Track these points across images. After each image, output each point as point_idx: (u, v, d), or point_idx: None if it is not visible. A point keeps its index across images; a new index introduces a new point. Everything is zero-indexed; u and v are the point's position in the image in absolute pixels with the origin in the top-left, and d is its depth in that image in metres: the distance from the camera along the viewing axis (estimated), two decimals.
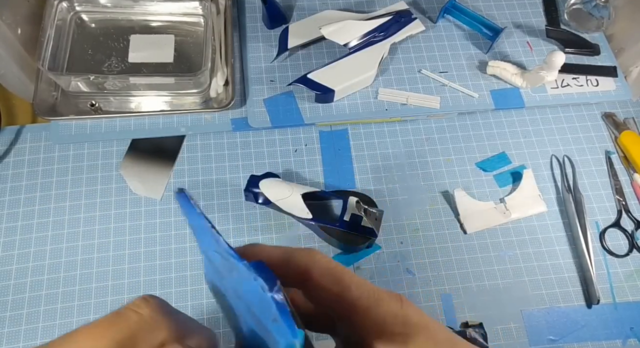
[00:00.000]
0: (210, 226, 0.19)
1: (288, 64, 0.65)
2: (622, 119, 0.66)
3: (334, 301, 0.20)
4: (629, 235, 0.59)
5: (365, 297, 0.19)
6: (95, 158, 0.60)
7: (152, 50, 0.63)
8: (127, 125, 0.61)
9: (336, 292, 0.20)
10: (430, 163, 0.62)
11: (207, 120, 0.62)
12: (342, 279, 0.20)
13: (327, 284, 0.20)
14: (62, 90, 0.61)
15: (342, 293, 0.19)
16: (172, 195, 0.58)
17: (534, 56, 0.68)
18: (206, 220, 0.19)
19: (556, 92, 0.66)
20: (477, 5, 0.71)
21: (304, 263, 0.20)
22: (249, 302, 0.18)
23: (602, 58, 0.68)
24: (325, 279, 0.20)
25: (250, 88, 0.63)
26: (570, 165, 0.62)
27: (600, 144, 0.64)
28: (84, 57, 0.62)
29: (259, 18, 0.68)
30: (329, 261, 0.21)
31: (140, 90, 0.60)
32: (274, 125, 0.61)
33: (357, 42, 0.63)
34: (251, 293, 0.18)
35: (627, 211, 0.60)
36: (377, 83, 0.64)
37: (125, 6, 0.65)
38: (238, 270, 0.18)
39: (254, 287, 0.17)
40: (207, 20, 0.64)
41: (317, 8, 0.70)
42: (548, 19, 0.71)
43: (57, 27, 0.61)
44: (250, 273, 0.17)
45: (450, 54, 0.67)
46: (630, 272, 0.57)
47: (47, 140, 0.60)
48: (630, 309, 0.55)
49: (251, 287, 0.17)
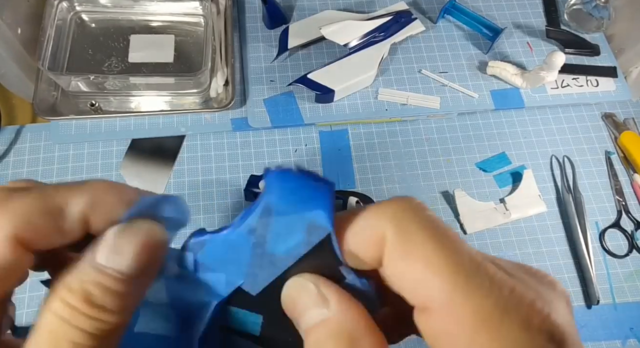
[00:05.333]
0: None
1: (288, 64, 0.65)
2: (622, 120, 0.66)
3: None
4: (629, 236, 0.59)
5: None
6: (95, 158, 0.60)
7: (152, 50, 0.63)
8: (127, 125, 0.61)
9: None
10: (430, 163, 0.62)
11: (207, 120, 0.62)
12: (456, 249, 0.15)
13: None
14: (62, 90, 0.60)
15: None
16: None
17: (534, 56, 0.68)
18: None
19: (556, 92, 0.66)
20: (477, 5, 0.71)
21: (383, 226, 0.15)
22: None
23: (602, 58, 0.68)
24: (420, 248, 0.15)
25: (250, 88, 0.63)
26: (570, 166, 0.62)
27: (600, 144, 0.64)
28: (84, 56, 0.62)
29: (259, 18, 0.68)
30: (428, 217, 0.15)
31: (140, 90, 0.60)
32: (274, 125, 0.61)
33: (357, 42, 0.63)
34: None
35: (627, 211, 0.60)
36: (377, 83, 0.64)
37: (125, 6, 0.65)
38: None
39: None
40: (207, 20, 0.64)
41: (317, 8, 0.69)
42: (548, 19, 0.71)
43: (57, 26, 0.61)
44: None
45: (450, 54, 0.67)
46: (630, 272, 0.57)
47: (47, 140, 0.60)
48: (630, 310, 0.55)
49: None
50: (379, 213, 0.16)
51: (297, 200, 0.16)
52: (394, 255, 0.15)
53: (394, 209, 0.16)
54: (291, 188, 0.17)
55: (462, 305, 0.14)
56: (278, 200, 0.17)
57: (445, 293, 0.14)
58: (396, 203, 0.16)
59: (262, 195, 0.17)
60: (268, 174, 0.17)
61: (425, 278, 0.14)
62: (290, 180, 0.17)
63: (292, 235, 0.17)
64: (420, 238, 0.15)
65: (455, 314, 0.14)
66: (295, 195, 0.16)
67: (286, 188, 0.17)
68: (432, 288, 0.14)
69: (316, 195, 0.16)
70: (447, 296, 0.14)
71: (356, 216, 0.16)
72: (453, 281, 0.14)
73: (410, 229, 0.15)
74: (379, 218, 0.16)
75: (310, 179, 0.17)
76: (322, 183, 0.16)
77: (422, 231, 0.15)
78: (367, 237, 0.16)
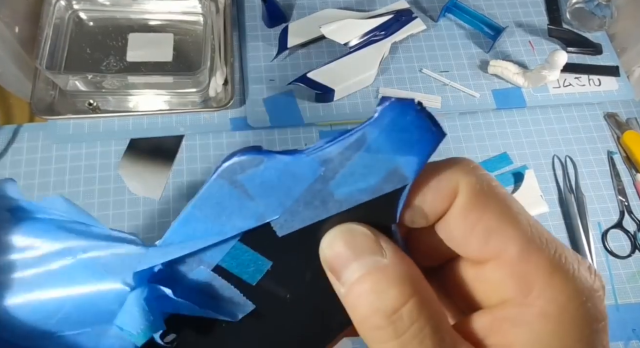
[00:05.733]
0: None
1: (288, 63, 0.65)
2: (624, 119, 0.65)
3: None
4: (632, 236, 0.58)
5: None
6: (93, 158, 0.59)
7: (150, 49, 0.63)
8: (125, 124, 0.60)
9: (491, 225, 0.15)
10: None
11: (206, 120, 0.61)
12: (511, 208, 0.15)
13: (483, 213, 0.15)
14: (59, 89, 0.60)
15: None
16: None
17: (535, 55, 0.67)
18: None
19: (558, 91, 0.65)
20: (479, 4, 0.71)
21: (455, 181, 0.15)
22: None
23: (604, 57, 0.68)
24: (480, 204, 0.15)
25: (250, 87, 0.63)
26: (572, 166, 0.62)
27: (603, 144, 0.64)
28: (82, 55, 0.62)
29: (258, 17, 0.68)
30: (486, 175, 0.16)
31: (138, 89, 0.60)
32: (273, 125, 0.61)
33: (358, 41, 0.63)
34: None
35: (630, 212, 0.60)
36: (377, 82, 0.64)
37: (123, 4, 0.64)
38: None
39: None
40: (206, 19, 0.64)
41: (317, 7, 0.69)
42: (550, 18, 0.71)
43: (55, 25, 0.61)
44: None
45: (452, 53, 0.67)
46: (633, 273, 0.57)
47: (44, 140, 0.60)
48: (632, 311, 0.55)
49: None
50: (453, 167, 0.16)
51: (399, 139, 0.15)
52: (468, 206, 0.15)
53: (466, 164, 0.16)
54: (401, 125, 0.15)
55: (538, 252, 0.15)
56: (380, 133, 0.15)
57: (522, 241, 0.15)
58: (465, 161, 0.16)
59: (364, 124, 0.15)
60: (384, 102, 0.15)
61: (499, 228, 0.15)
62: (406, 116, 0.15)
63: (365, 178, 0.15)
64: (493, 192, 0.15)
65: (532, 261, 0.14)
66: (401, 134, 0.15)
67: (396, 124, 0.15)
68: (506, 237, 0.15)
69: (421, 141, 0.15)
70: (524, 245, 0.15)
71: (426, 169, 0.16)
72: (527, 232, 0.15)
73: (483, 183, 0.15)
74: (453, 172, 0.16)
75: (426, 121, 0.15)
76: (435, 131, 0.15)
77: (493, 186, 0.16)
78: (440, 189, 0.16)
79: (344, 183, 0.15)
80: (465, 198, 0.15)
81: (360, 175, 0.15)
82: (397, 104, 0.15)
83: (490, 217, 0.15)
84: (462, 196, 0.15)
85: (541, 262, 0.15)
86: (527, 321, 0.14)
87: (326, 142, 0.15)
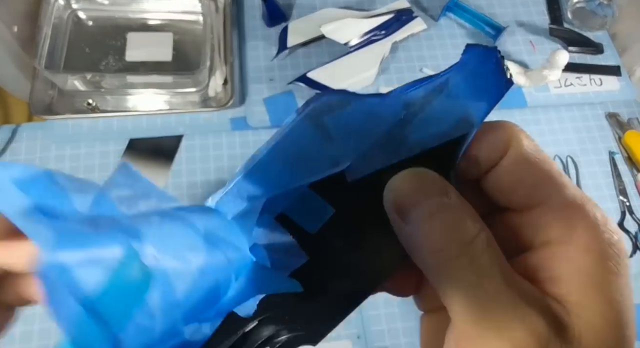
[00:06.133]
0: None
1: (288, 63, 0.65)
2: (626, 119, 0.65)
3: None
4: (633, 237, 0.58)
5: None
6: (92, 158, 0.59)
7: (150, 48, 0.62)
8: (124, 124, 0.60)
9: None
10: None
11: (206, 120, 0.61)
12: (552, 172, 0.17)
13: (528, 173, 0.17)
14: (58, 88, 0.60)
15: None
16: None
17: (537, 55, 0.67)
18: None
19: (559, 91, 0.65)
20: (480, 3, 0.70)
21: (505, 138, 0.17)
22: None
23: (605, 57, 0.68)
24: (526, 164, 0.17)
25: (250, 87, 0.63)
26: (574, 166, 0.62)
27: (604, 144, 0.64)
28: (81, 55, 0.62)
29: (258, 16, 0.68)
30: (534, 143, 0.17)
31: (137, 88, 0.60)
32: (273, 125, 0.61)
33: (358, 41, 0.62)
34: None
35: (631, 212, 0.59)
36: (378, 82, 0.64)
37: (122, 4, 0.64)
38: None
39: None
40: (206, 18, 0.63)
41: (317, 6, 0.69)
42: (551, 17, 0.70)
43: (54, 25, 0.60)
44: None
45: (452, 52, 0.67)
46: (634, 274, 0.56)
47: (43, 140, 0.59)
48: None
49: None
50: (506, 125, 0.17)
51: (477, 85, 0.16)
52: (519, 158, 0.17)
53: (516, 126, 0.18)
54: (482, 71, 0.16)
55: (580, 202, 0.16)
56: (462, 79, 0.16)
57: (566, 191, 0.16)
58: (514, 125, 0.18)
59: (448, 70, 0.16)
60: (470, 49, 0.16)
61: (546, 179, 0.17)
62: (488, 63, 0.16)
63: (439, 123, 0.16)
64: (539, 152, 0.17)
65: (575, 207, 0.16)
66: (479, 80, 0.16)
67: (478, 70, 0.16)
68: (552, 187, 0.16)
69: (494, 87, 0.16)
70: (569, 195, 0.16)
71: (483, 125, 0.17)
72: (570, 185, 0.17)
73: (531, 143, 0.17)
74: (506, 129, 0.17)
75: (503, 69, 0.16)
76: (505, 80, 0.16)
77: (539, 148, 0.17)
78: (496, 142, 0.17)
79: (419, 127, 0.16)
80: (517, 151, 0.17)
81: (435, 120, 0.16)
82: (482, 51, 0.16)
83: (537, 170, 0.17)
84: (513, 149, 0.17)
85: (582, 211, 0.16)
86: (572, 257, 0.16)
87: (410, 86, 0.16)
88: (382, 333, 0.52)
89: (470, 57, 0.16)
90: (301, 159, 0.16)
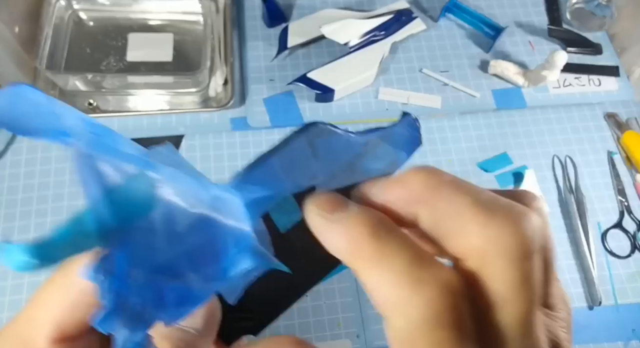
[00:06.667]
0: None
1: (288, 63, 0.65)
2: (624, 119, 0.65)
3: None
4: (631, 236, 0.58)
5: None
6: None
7: (150, 48, 0.63)
8: (125, 124, 0.60)
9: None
10: (431, 163, 0.61)
11: (206, 120, 0.61)
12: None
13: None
14: (59, 89, 0.60)
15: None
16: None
17: (536, 55, 0.67)
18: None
19: (558, 91, 0.65)
20: (479, 4, 0.71)
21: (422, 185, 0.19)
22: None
23: (604, 57, 0.68)
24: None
25: (250, 87, 0.63)
26: (572, 166, 0.62)
27: (603, 144, 0.64)
28: (82, 55, 0.62)
29: (258, 16, 0.68)
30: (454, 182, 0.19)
31: (138, 89, 0.60)
32: (273, 125, 0.61)
33: (358, 41, 0.63)
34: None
35: (630, 212, 0.60)
36: (377, 82, 0.64)
37: (123, 4, 0.64)
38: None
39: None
40: (206, 19, 0.64)
41: (317, 6, 0.69)
42: (550, 18, 0.71)
43: (54, 25, 0.61)
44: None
45: (452, 53, 0.67)
46: (633, 273, 0.57)
47: None
48: (632, 311, 0.55)
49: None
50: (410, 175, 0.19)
51: (403, 140, 0.21)
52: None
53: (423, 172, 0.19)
54: (407, 134, 0.21)
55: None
56: (396, 134, 0.21)
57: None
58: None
59: (392, 126, 0.21)
60: (405, 117, 0.21)
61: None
62: (411, 129, 0.21)
63: (379, 161, 0.21)
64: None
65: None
66: (405, 137, 0.21)
67: (405, 130, 0.21)
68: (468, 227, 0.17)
69: (411, 144, 0.21)
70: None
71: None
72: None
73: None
74: (418, 183, 0.19)
75: (419, 132, 0.21)
76: (420, 141, 0.22)
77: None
78: (405, 189, 0.19)
79: (369, 161, 0.21)
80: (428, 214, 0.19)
81: (378, 158, 0.21)
82: (411, 119, 0.21)
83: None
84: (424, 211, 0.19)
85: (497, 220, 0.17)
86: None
87: (374, 130, 0.21)
88: (382, 333, 0.52)
89: (404, 121, 0.21)
90: (293, 166, 0.20)
